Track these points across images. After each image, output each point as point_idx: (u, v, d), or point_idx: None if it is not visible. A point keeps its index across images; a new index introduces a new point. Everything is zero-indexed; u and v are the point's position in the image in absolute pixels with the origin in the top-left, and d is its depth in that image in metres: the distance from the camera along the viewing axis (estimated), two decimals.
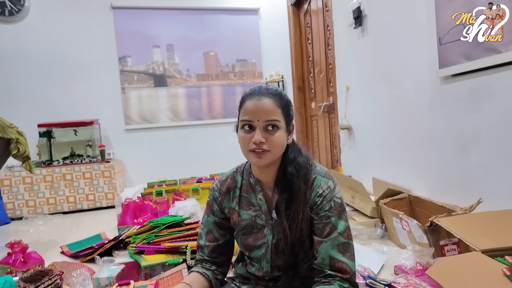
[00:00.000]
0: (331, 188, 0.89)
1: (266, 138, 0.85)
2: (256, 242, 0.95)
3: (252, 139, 0.85)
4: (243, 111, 0.88)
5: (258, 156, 0.86)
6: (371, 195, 2.32)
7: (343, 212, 0.89)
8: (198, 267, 0.99)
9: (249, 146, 0.86)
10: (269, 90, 0.89)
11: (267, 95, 0.87)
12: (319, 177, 0.91)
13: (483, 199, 1.47)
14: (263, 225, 0.94)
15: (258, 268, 0.97)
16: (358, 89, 2.72)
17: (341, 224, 0.86)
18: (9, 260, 1.68)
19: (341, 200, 0.89)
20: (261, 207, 0.94)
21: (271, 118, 0.85)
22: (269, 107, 0.86)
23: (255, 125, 0.86)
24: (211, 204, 1.01)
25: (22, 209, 3.23)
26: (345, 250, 0.85)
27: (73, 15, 3.75)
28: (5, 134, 2.09)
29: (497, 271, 0.92)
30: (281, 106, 0.88)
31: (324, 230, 0.86)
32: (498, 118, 1.51)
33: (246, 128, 0.87)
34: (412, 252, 1.45)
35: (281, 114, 0.87)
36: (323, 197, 0.88)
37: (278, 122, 0.86)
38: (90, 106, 3.80)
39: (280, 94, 0.90)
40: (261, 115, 0.85)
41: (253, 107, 0.86)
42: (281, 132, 0.87)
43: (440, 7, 1.72)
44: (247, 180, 0.97)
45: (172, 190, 2.86)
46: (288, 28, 4.04)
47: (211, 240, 1.00)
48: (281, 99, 0.89)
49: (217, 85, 4.28)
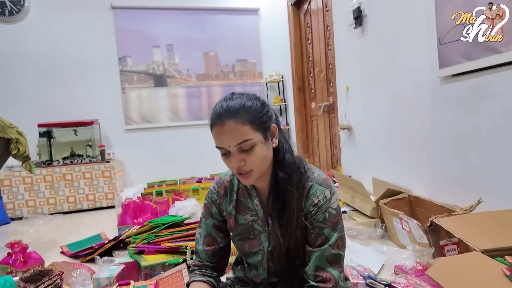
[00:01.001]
0: (327, 198, 0.86)
1: (245, 159, 0.81)
2: (252, 249, 0.93)
3: (231, 164, 0.83)
4: (214, 138, 0.83)
5: (243, 178, 0.83)
6: (371, 195, 2.32)
7: (338, 223, 0.86)
8: (198, 275, 0.95)
9: (233, 169, 0.84)
10: (230, 109, 0.80)
11: (228, 116, 0.79)
12: (315, 185, 0.87)
13: (483, 199, 1.47)
14: (260, 231, 0.92)
15: (255, 274, 0.96)
16: (358, 89, 2.72)
17: (334, 236, 0.84)
18: (9, 260, 1.68)
19: (337, 211, 0.86)
20: (258, 212, 0.92)
21: (240, 140, 0.79)
22: (234, 130, 0.79)
23: (229, 150, 0.81)
24: (209, 207, 0.98)
25: (22, 209, 3.23)
26: (334, 260, 0.84)
27: (73, 15, 3.75)
28: (5, 134, 2.09)
29: (497, 271, 0.92)
30: (249, 120, 0.80)
31: (316, 241, 0.85)
32: (498, 118, 1.51)
33: (222, 153, 0.83)
34: (412, 252, 1.45)
35: (251, 129, 0.80)
36: (318, 207, 0.85)
37: (250, 141, 0.80)
38: (90, 106, 3.80)
39: (243, 107, 0.80)
40: (229, 141, 0.80)
41: (219, 134, 0.81)
42: (258, 147, 0.81)
43: (440, 7, 1.72)
44: (243, 185, 0.94)
45: (172, 190, 2.86)
46: (288, 28, 4.04)
47: (210, 244, 0.97)
48: (247, 112, 0.80)
49: (217, 85, 4.28)
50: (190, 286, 0.94)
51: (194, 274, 0.96)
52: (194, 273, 0.97)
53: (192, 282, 0.94)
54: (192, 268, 0.99)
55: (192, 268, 0.98)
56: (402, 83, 2.16)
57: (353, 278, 1.32)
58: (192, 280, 0.95)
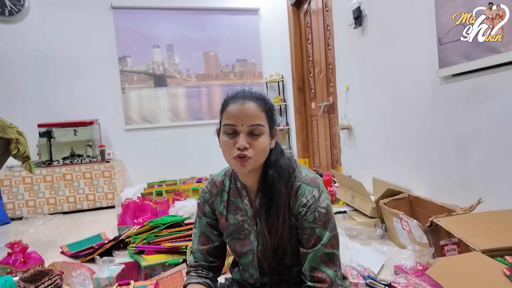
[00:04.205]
0: (315, 197, 0.85)
1: (250, 143, 0.82)
2: (243, 249, 0.94)
3: (236, 144, 0.82)
4: (226, 115, 0.85)
5: (241, 163, 0.83)
6: (371, 195, 2.32)
7: (329, 222, 0.85)
8: (194, 277, 0.95)
9: (232, 152, 0.83)
10: (253, 94, 0.86)
11: (251, 99, 0.84)
12: (303, 185, 0.87)
13: (483, 199, 1.47)
14: (249, 230, 0.92)
15: (249, 275, 0.96)
16: (358, 89, 2.72)
17: (326, 235, 0.84)
18: (9, 260, 1.68)
19: (327, 209, 0.86)
20: (247, 212, 0.92)
21: (256, 122, 0.83)
22: (254, 111, 0.83)
23: (239, 130, 0.82)
24: (202, 206, 0.99)
25: (22, 209, 3.23)
26: (328, 260, 0.84)
27: (73, 15, 3.75)
28: (5, 134, 2.09)
29: (497, 271, 0.92)
30: (265, 110, 0.85)
31: (309, 242, 0.85)
32: (498, 118, 1.51)
33: (229, 132, 0.84)
34: (412, 252, 1.45)
35: (265, 118, 0.85)
36: (307, 207, 0.85)
37: (262, 127, 0.84)
38: (90, 106, 3.80)
39: (264, 98, 0.87)
40: (245, 119, 0.82)
41: (237, 111, 0.83)
42: (264, 137, 0.84)
43: (440, 7, 1.72)
44: (234, 184, 0.95)
45: (172, 190, 2.86)
46: (288, 28, 4.04)
47: (204, 243, 0.97)
48: (265, 103, 0.86)
49: (217, 85, 4.28)
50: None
51: (190, 276, 0.96)
52: (190, 274, 0.96)
53: (188, 284, 0.94)
54: (188, 270, 0.98)
55: (188, 270, 0.98)
56: (402, 83, 2.16)
57: (353, 278, 1.32)
58: (188, 282, 0.94)
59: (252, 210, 0.92)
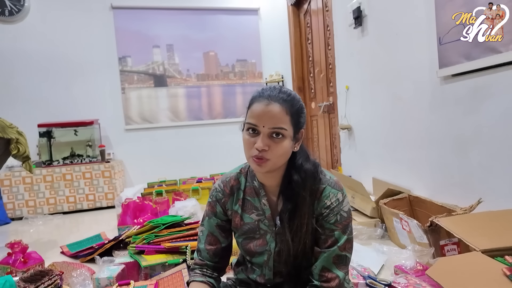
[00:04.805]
0: (339, 200, 0.87)
1: (269, 145, 0.81)
2: (258, 249, 0.92)
3: (255, 144, 0.81)
4: (250, 113, 0.83)
5: (258, 164, 0.82)
6: (371, 195, 2.32)
7: (348, 226, 0.87)
8: (199, 275, 0.94)
9: (251, 151, 0.82)
10: (280, 95, 0.83)
11: (277, 100, 0.82)
12: (328, 187, 0.87)
13: (483, 199, 1.47)
14: (266, 230, 0.91)
15: (260, 274, 0.95)
16: (358, 89, 2.72)
17: (343, 239, 0.86)
18: (9, 260, 1.68)
19: (348, 214, 0.87)
20: (265, 212, 0.91)
21: (277, 126, 0.80)
22: (277, 114, 0.81)
23: (260, 130, 0.81)
24: (213, 205, 0.96)
25: (22, 209, 3.23)
26: (340, 262, 0.85)
27: (73, 15, 3.75)
28: (5, 134, 2.09)
29: (497, 271, 0.92)
30: (291, 113, 0.82)
31: (326, 242, 0.86)
32: (498, 118, 1.51)
33: (250, 131, 0.83)
34: (412, 252, 1.45)
35: (289, 122, 0.82)
36: (330, 209, 0.86)
37: (284, 131, 0.81)
38: (90, 106, 3.80)
39: (292, 100, 0.84)
40: (267, 121, 0.80)
41: (260, 111, 0.81)
42: (286, 141, 0.82)
43: (440, 7, 1.72)
44: (251, 183, 0.93)
45: (172, 190, 2.86)
46: (288, 28, 4.04)
47: (212, 243, 0.96)
48: (292, 106, 0.83)
49: (217, 85, 4.28)
50: (190, 285, 0.93)
51: (195, 273, 0.95)
52: (195, 272, 0.96)
53: (193, 281, 0.93)
54: (193, 267, 0.98)
55: (193, 267, 0.97)
56: (402, 83, 2.16)
57: (353, 278, 1.32)
58: (193, 279, 0.94)
59: (271, 210, 0.91)
